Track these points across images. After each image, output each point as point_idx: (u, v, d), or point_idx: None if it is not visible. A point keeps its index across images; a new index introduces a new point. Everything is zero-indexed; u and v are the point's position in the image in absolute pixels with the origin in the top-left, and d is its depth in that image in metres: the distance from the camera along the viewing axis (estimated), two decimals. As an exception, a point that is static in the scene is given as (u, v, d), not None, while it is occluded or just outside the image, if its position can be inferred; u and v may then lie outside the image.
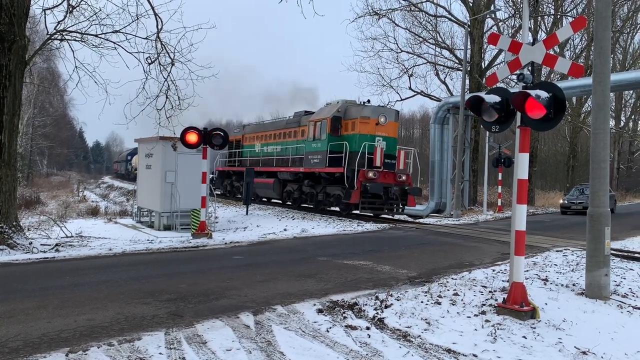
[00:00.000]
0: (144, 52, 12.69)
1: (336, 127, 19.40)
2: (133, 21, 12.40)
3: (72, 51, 12.59)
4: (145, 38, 12.60)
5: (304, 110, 23.71)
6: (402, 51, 29.76)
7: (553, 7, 29.05)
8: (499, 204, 25.80)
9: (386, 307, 6.24)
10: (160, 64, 12.80)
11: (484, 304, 6.41)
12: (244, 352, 4.69)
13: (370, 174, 17.88)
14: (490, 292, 7.02)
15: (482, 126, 6.89)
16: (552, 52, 6.31)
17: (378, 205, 18.51)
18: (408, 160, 19.64)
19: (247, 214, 21.72)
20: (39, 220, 18.28)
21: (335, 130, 19.34)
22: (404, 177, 18.84)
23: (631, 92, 43.15)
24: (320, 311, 6.05)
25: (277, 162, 23.55)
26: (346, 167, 18.15)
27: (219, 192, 30.28)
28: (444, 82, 30.68)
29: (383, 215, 20.03)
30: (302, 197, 21.97)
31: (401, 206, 19.24)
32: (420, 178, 25.81)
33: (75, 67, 12.44)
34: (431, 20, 29.11)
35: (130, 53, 12.61)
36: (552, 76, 29.05)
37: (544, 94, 5.67)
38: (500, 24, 29.03)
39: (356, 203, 18.04)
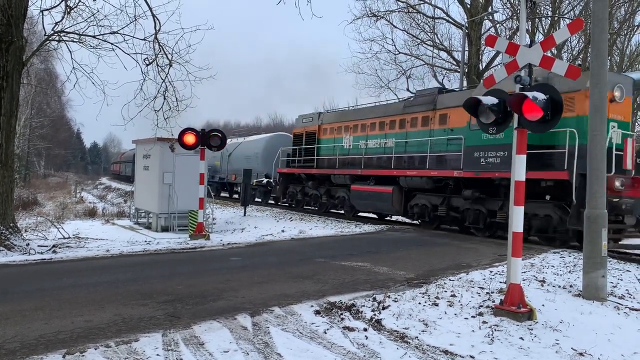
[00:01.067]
0: (141, 54, 12.69)
1: None
2: (131, 22, 12.42)
3: (70, 52, 12.62)
4: (143, 39, 12.61)
5: (436, 87, 17.41)
6: (399, 53, 29.77)
7: (550, 9, 29.14)
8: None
9: (384, 308, 6.24)
10: (158, 65, 12.80)
11: (482, 306, 6.42)
12: (241, 353, 4.69)
13: (617, 183, 11.11)
14: (487, 293, 7.03)
15: (479, 127, 6.89)
16: (549, 54, 6.33)
17: (629, 232, 11.85)
18: None
19: (244, 215, 21.71)
20: (36, 222, 18.25)
21: None
22: None
23: (628, 94, 43.13)
24: (317, 312, 6.05)
25: (397, 162, 16.60)
26: (575, 170, 11.14)
27: (282, 203, 24.69)
28: (441, 84, 30.70)
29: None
30: (451, 214, 14.93)
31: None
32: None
33: (73, 68, 12.46)
34: (429, 22, 29.14)
35: (128, 54, 12.62)
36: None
37: (541, 96, 5.69)
38: (497, 25, 29.09)
39: None
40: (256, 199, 27.09)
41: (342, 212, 20.12)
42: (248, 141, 29.17)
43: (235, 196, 29.83)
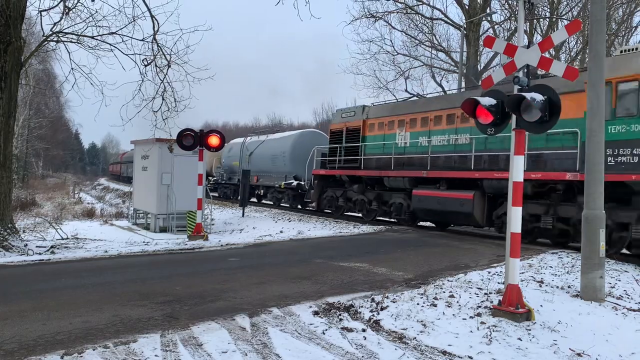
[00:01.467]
0: (140, 54, 12.75)
1: None
2: (129, 23, 12.47)
3: (69, 53, 12.68)
4: (142, 40, 12.65)
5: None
6: (398, 54, 29.79)
7: (548, 10, 29.19)
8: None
9: (382, 309, 6.25)
10: (156, 65, 12.83)
11: (480, 306, 6.43)
12: (239, 354, 4.69)
13: None
14: (485, 294, 7.04)
15: (477, 128, 6.91)
16: (547, 55, 6.35)
17: None
18: None
19: (243, 215, 21.71)
20: (35, 222, 18.22)
21: None
22: None
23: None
24: (316, 313, 6.05)
25: (476, 162, 13.75)
26: None
27: (310, 208, 22.10)
28: (440, 85, 30.73)
29: (379, 217, 17.76)
30: (557, 227, 11.89)
31: None
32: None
33: (72, 68, 12.49)
34: (427, 22, 29.19)
35: (127, 55, 12.66)
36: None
37: (539, 97, 5.70)
38: (496, 26, 29.14)
39: None
40: (282, 204, 24.82)
41: (394, 220, 17.49)
42: (272, 139, 26.48)
43: (262, 200, 26.94)
